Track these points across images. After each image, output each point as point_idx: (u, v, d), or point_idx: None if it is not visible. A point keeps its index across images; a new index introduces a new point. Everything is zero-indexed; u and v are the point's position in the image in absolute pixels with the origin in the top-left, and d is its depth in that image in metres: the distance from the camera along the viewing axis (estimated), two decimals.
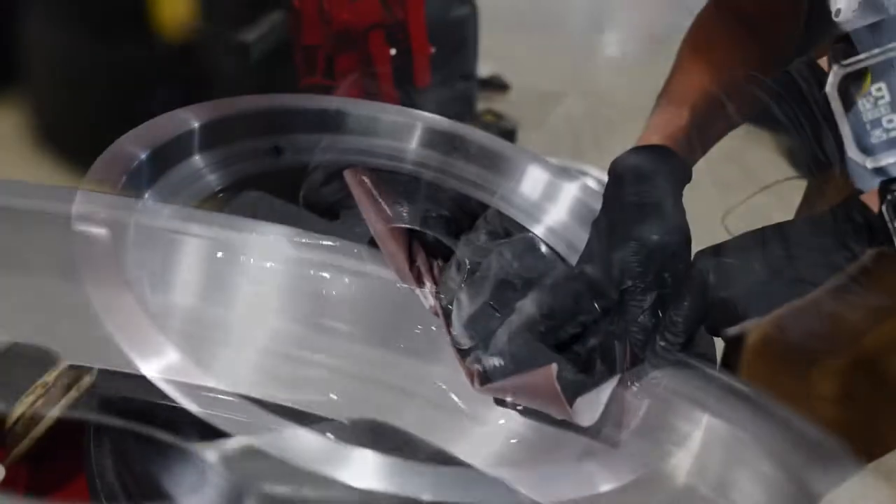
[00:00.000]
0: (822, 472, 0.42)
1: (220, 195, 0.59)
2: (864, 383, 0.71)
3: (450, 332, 0.49)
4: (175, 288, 0.54)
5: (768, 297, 0.43)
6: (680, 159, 0.60)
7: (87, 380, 0.75)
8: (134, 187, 0.51)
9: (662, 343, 0.49)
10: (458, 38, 2.48)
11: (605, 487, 0.39)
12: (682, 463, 0.42)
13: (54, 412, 0.71)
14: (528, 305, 0.51)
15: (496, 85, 3.28)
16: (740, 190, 0.88)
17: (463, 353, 0.49)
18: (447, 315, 0.49)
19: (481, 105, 3.01)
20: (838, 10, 0.49)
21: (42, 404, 0.72)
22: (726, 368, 0.89)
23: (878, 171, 0.51)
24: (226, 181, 0.59)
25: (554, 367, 0.44)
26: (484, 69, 3.14)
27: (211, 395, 0.37)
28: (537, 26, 4.35)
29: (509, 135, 2.75)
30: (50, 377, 0.73)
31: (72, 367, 0.74)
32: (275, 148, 0.63)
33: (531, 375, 0.45)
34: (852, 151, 0.51)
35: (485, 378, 0.47)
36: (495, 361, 0.48)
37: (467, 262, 0.52)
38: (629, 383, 0.51)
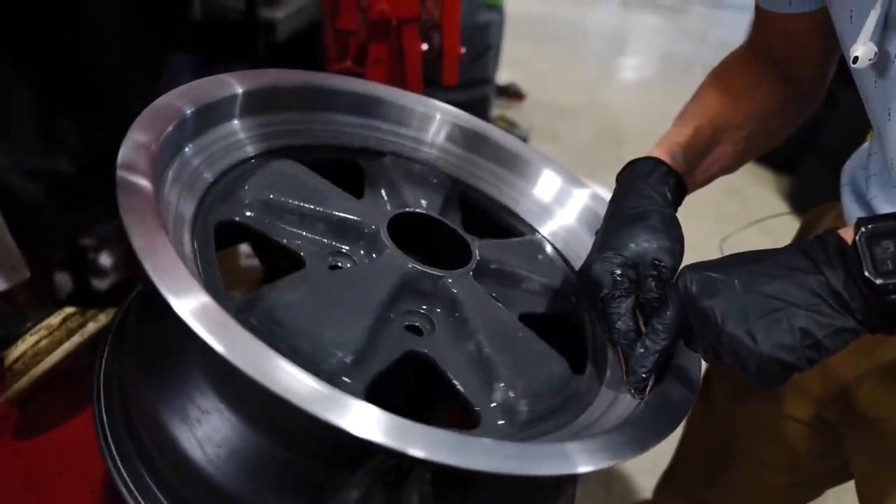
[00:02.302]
0: None
1: (253, 161, 0.60)
2: (835, 409, 0.74)
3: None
4: None
5: (744, 309, 0.45)
6: (672, 171, 0.62)
7: (91, 326, 0.75)
8: (175, 140, 0.52)
9: (642, 350, 0.51)
10: (483, 43, 2.51)
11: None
12: None
13: (57, 354, 0.72)
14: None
15: (512, 93, 3.31)
16: (739, 222, 0.92)
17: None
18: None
19: (496, 111, 3.04)
20: (856, 58, 0.51)
21: (45, 346, 0.73)
22: (706, 381, 0.92)
23: None
24: (260, 148, 0.60)
25: None
26: (503, 77, 3.17)
27: (234, 335, 0.38)
28: (562, 42, 4.39)
29: None
30: (55, 320, 0.74)
31: (77, 312, 0.75)
32: None
33: None
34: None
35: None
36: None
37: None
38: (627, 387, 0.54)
